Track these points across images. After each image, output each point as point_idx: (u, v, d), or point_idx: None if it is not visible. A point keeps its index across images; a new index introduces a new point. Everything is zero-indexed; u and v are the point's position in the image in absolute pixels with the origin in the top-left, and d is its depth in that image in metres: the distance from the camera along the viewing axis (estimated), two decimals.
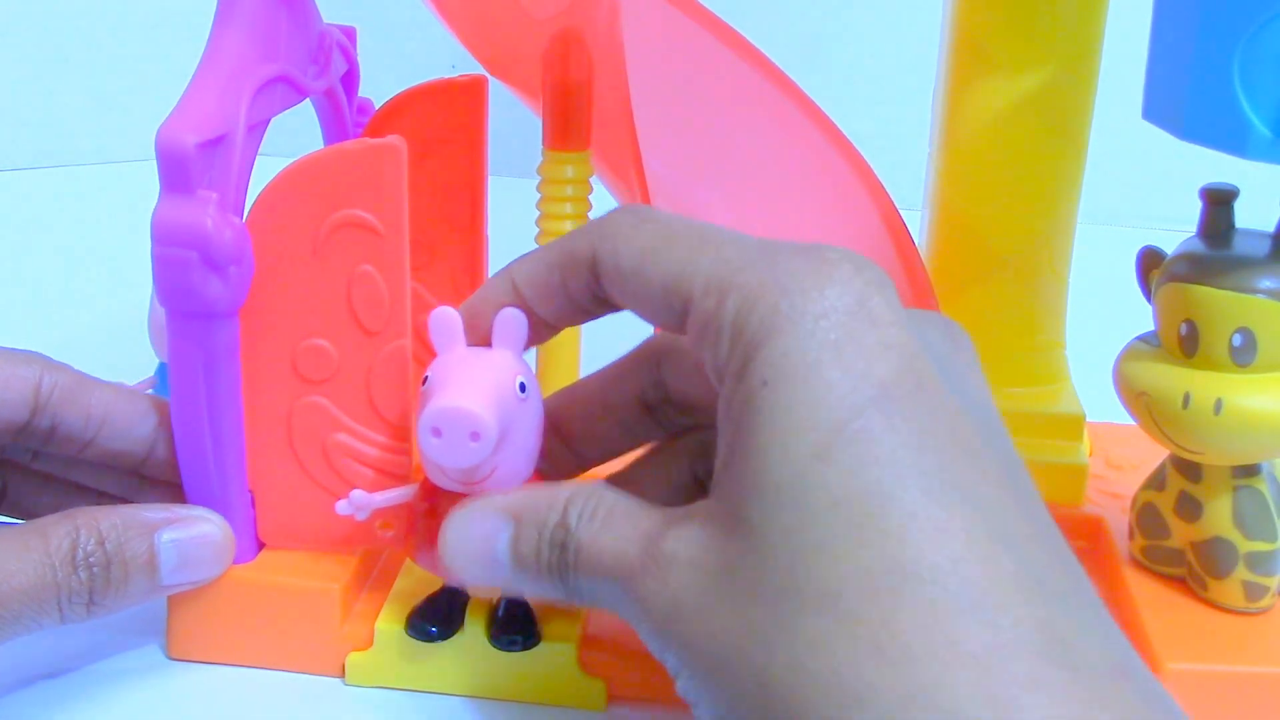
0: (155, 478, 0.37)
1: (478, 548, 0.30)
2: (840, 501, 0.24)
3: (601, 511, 0.29)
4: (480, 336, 0.33)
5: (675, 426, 0.35)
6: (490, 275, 0.44)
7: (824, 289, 0.26)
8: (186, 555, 0.34)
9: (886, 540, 0.24)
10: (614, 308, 0.31)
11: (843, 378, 0.25)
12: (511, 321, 0.33)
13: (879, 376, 0.25)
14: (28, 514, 0.37)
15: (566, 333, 0.42)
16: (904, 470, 0.24)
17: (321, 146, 0.40)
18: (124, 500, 0.37)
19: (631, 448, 0.35)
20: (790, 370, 0.25)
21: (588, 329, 0.42)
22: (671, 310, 0.28)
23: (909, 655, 0.23)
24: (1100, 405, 0.42)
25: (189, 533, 0.34)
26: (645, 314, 0.30)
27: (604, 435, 0.35)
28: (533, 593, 0.30)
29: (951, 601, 0.23)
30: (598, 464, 0.36)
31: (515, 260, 0.33)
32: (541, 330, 0.33)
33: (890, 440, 0.25)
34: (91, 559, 0.33)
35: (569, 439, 0.35)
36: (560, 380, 0.42)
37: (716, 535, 0.26)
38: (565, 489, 0.30)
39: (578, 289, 0.31)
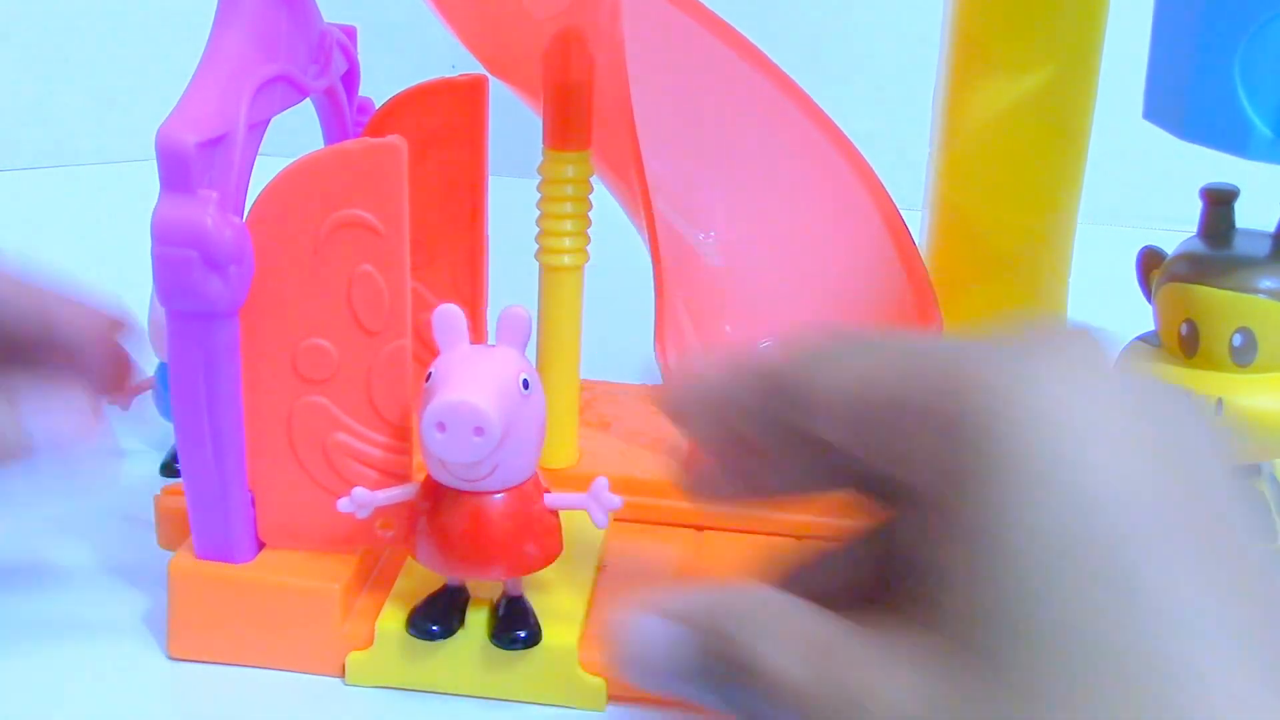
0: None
1: (650, 652, 0.27)
2: (1110, 651, 0.21)
3: (780, 628, 0.25)
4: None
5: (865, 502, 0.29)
6: (488, 275, 0.44)
7: (1074, 377, 0.23)
8: (52, 424, 0.35)
9: (1166, 708, 0.20)
10: (794, 436, 0.27)
11: (1104, 488, 0.21)
12: (515, 319, 0.34)
13: (1147, 487, 0.22)
14: None
15: (566, 330, 0.42)
16: (1184, 614, 0.21)
17: (321, 146, 0.40)
18: None
19: (816, 496, 0.30)
20: (1039, 477, 0.22)
21: (587, 327, 0.42)
22: (892, 428, 0.25)
23: None
24: None
25: (54, 400, 0.35)
26: (853, 441, 0.25)
27: (790, 481, 0.30)
28: (716, 708, 0.27)
29: None
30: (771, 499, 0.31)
31: (708, 368, 0.28)
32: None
33: (1165, 574, 0.21)
34: None
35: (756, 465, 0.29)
36: (560, 379, 0.42)
37: (934, 674, 0.22)
38: (739, 594, 0.27)
39: (763, 411, 0.27)
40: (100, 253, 0.71)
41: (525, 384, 0.33)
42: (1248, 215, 0.36)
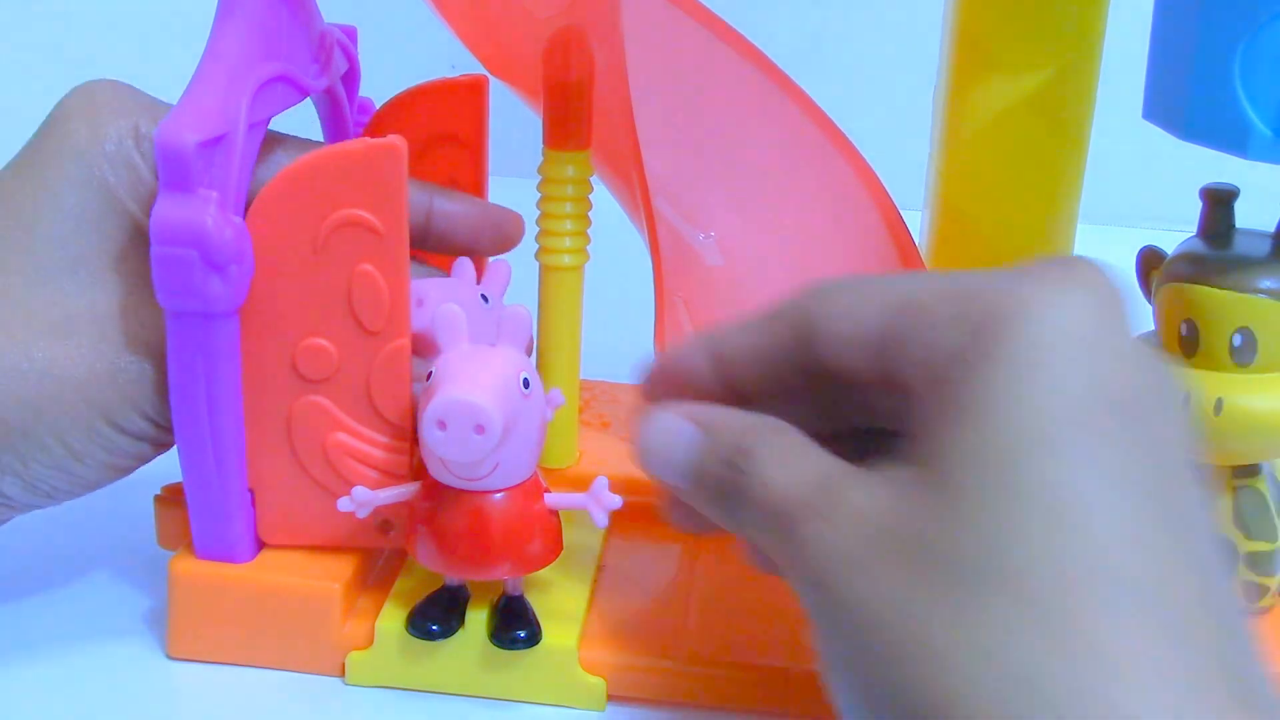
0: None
1: (663, 443, 0.31)
2: (1054, 495, 0.24)
3: (783, 444, 0.29)
4: (668, 391, 0.32)
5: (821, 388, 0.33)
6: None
7: (1073, 289, 0.26)
8: None
9: (1090, 543, 0.24)
10: (815, 378, 0.31)
11: (1084, 379, 0.25)
12: (515, 319, 0.34)
13: (1118, 388, 0.25)
14: None
15: (566, 330, 0.42)
16: (1121, 484, 0.25)
17: (322, 146, 0.40)
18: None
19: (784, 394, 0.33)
20: (1031, 359, 0.25)
21: (587, 327, 0.42)
22: (893, 342, 0.28)
23: (1090, 652, 0.23)
24: None
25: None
26: (860, 364, 0.29)
27: (757, 382, 0.33)
28: (703, 508, 0.30)
29: (1143, 614, 0.23)
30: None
31: (714, 329, 0.32)
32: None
33: (1114, 453, 0.25)
34: None
35: (728, 377, 0.33)
36: (560, 379, 0.42)
37: (907, 496, 0.26)
38: (755, 415, 0.30)
39: (783, 356, 0.31)
40: None
41: (526, 383, 0.33)
42: (1248, 215, 0.36)
